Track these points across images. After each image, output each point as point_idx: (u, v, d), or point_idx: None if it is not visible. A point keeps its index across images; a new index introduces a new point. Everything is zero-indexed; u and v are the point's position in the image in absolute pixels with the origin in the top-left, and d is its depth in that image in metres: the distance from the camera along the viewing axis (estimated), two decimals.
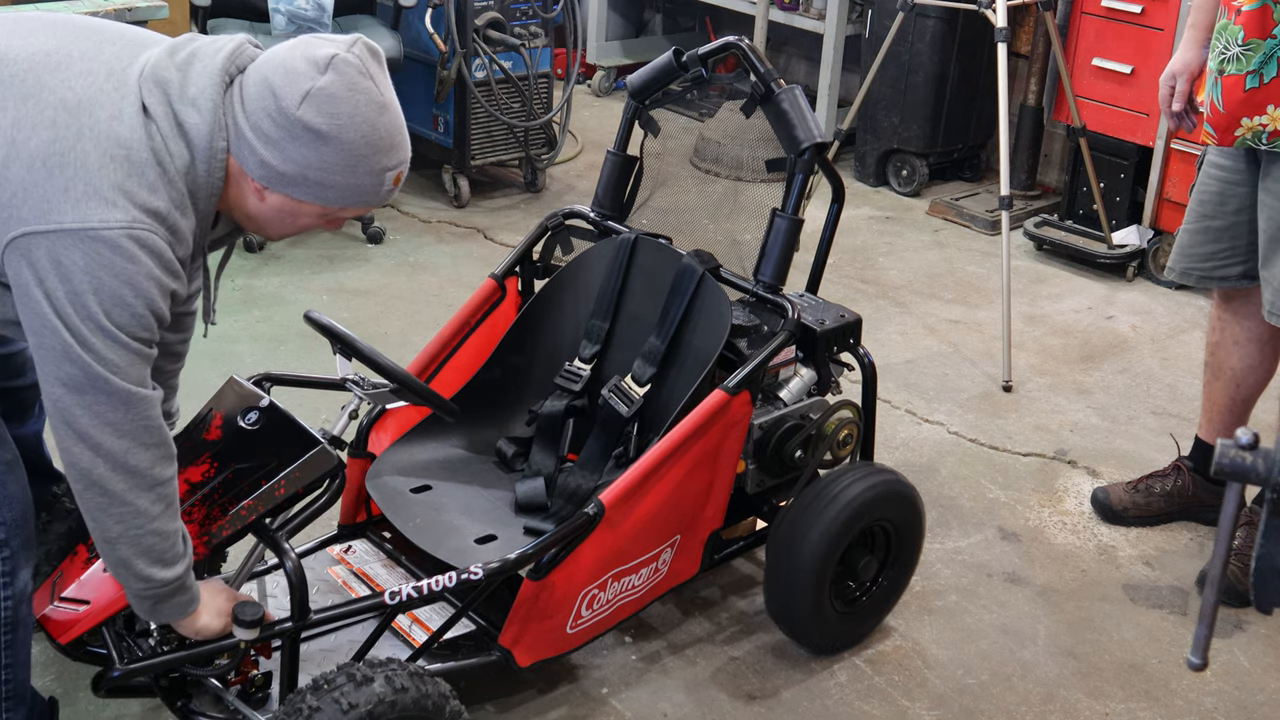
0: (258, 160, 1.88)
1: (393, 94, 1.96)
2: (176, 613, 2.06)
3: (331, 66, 1.86)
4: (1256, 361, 3.13)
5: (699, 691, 2.68)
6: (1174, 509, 3.35)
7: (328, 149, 1.87)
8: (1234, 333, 3.14)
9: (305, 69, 1.85)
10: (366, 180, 1.93)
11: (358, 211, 2.00)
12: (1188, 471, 3.34)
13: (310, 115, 1.85)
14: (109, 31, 1.96)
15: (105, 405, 1.85)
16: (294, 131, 1.85)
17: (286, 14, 4.60)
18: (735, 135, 5.26)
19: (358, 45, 1.91)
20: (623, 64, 6.64)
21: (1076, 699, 2.74)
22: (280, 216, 1.97)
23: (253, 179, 1.91)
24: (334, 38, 1.92)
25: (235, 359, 3.73)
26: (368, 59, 1.91)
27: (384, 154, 1.93)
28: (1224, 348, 3.17)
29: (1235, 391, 3.18)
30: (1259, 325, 3.07)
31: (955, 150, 5.51)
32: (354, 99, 1.87)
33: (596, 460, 2.64)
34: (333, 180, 1.90)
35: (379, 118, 1.91)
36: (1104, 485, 3.42)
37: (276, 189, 1.91)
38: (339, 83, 1.86)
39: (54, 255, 1.78)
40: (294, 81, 1.85)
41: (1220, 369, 3.18)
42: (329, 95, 1.85)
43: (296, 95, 1.84)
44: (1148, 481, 3.37)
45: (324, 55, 1.86)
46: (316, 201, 1.93)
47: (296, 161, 1.88)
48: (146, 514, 1.92)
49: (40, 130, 1.81)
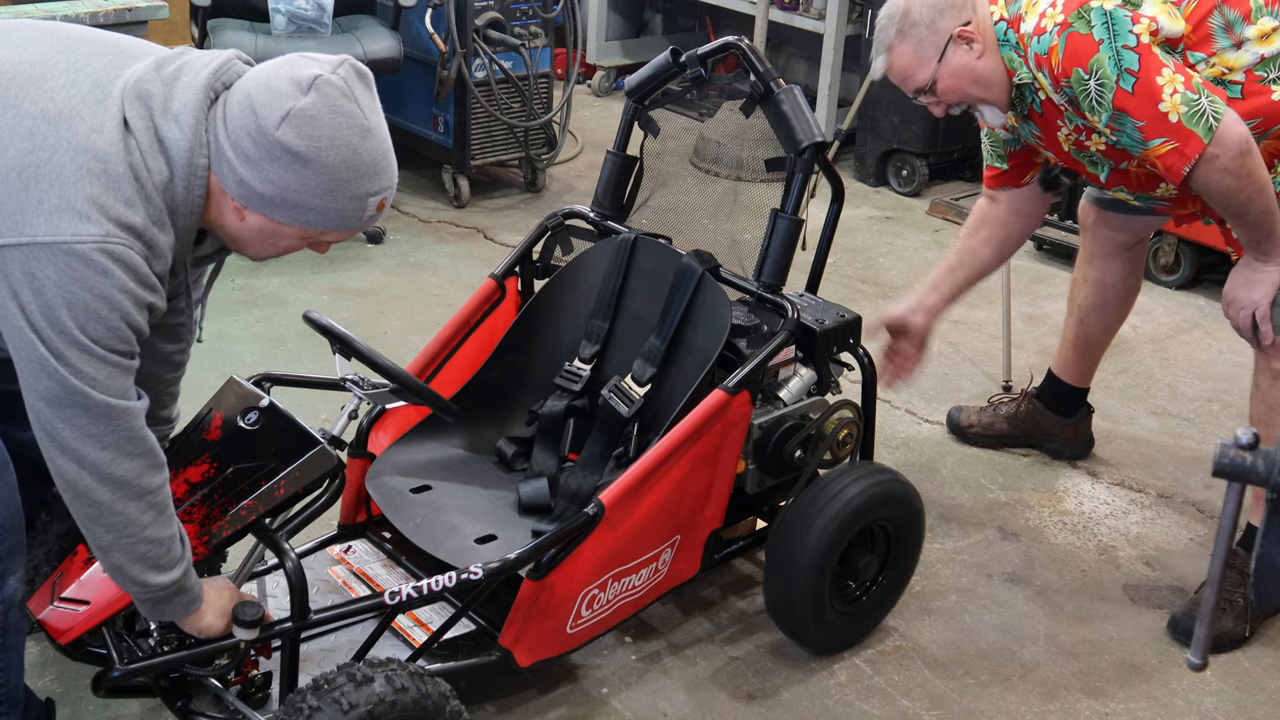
0: (236, 179, 1.86)
1: (379, 118, 1.92)
2: (178, 613, 2.06)
3: (314, 87, 1.83)
4: (1098, 301, 3.37)
5: (699, 691, 2.68)
6: (1017, 432, 3.61)
7: (306, 171, 1.84)
8: (1085, 271, 3.38)
9: (288, 89, 1.82)
10: (347, 205, 1.90)
11: (340, 236, 1.97)
12: (1033, 399, 3.59)
13: (289, 136, 1.82)
14: (100, 43, 1.94)
15: (85, 419, 1.83)
16: (272, 152, 1.83)
17: (286, 14, 4.60)
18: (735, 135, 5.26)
19: (344, 67, 1.87)
20: (623, 64, 6.64)
21: (1076, 699, 2.74)
22: (261, 237, 1.95)
23: (232, 198, 1.89)
24: (321, 58, 1.88)
25: (235, 359, 3.73)
26: (353, 81, 1.87)
27: (365, 179, 1.89)
28: (1076, 283, 3.44)
29: (1079, 328, 3.44)
30: (1112, 268, 3.32)
31: (955, 150, 5.51)
32: (335, 121, 1.84)
33: (597, 460, 2.64)
34: (312, 203, 1.88)
35: (361, 142, 1.87)
36: (960, 405, 3.71)
37: (255, 209, 1.89)
38: (320, 104, 1.83)
39: (27, 269, 1.77)
40: (275, 101, 1.82)
41: (1071, 303, 3.46)
42: (309, 117, 1.82)
43: (276, 115, 1.82)
44: (995, 403, 3.68)
45: (308, 75, 1.83)
46: (295, 224, 1.91)
47: (274, 183, 1.85)
48: (137, 523, 1.92)
49: (17, 141, 1.80)
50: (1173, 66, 2.55)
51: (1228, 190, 2.60)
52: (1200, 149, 2.54)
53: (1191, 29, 2.63)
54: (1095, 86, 2.57)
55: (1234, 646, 2.89)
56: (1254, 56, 2.65)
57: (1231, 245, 2.85)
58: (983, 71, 2.74)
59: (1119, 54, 2.54)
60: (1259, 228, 2.66)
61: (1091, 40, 2.55)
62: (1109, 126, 2.61)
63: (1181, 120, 2.53)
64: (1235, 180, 2.57)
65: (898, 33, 2.75)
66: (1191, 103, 2.53)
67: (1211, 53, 2.65)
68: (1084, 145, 2.78)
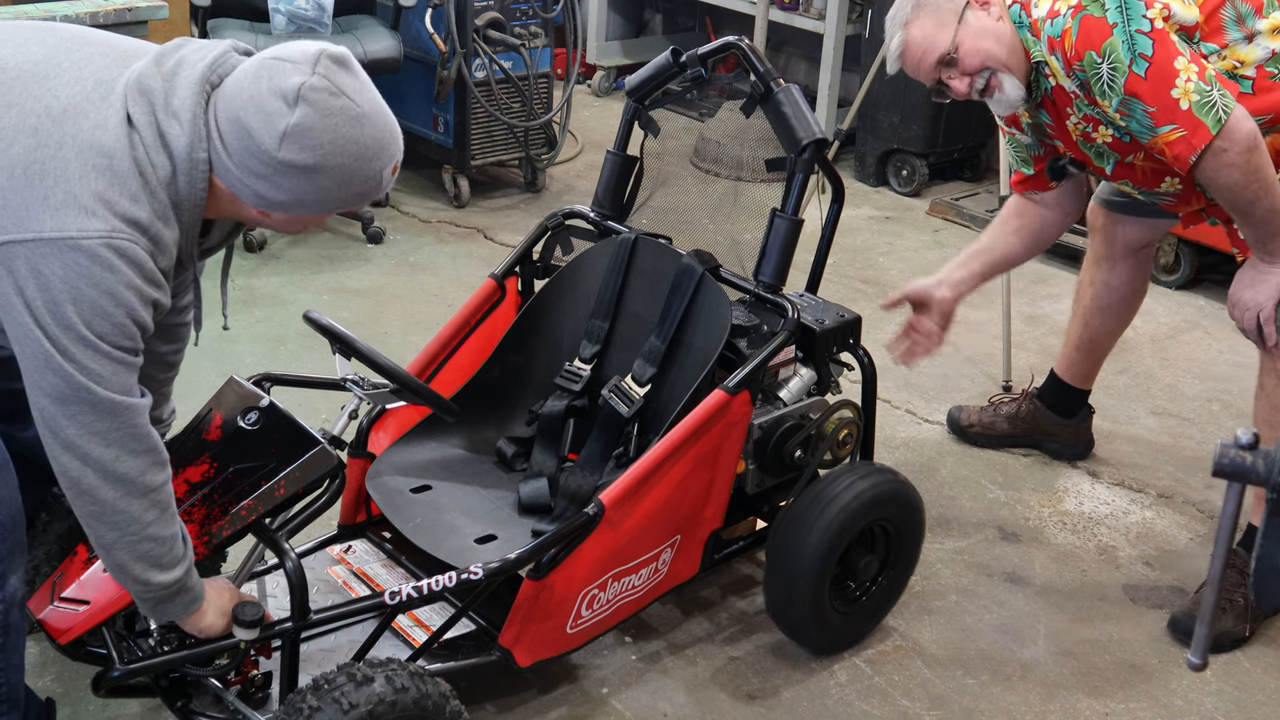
0: (252, 192, 1.88)
1: (371, 94, 1.91)
2: (179, 612, 2.06)
3: (301, 99, 1.81)
4: (1104, 304, 3.36)
5: (699, 691, 2.68)
6: (1017, 432, 3.60)
7: (319, 176, 1.86)
8: (1092, 273, 3.36)
9: (276, 106, 1.81)
10: (364, 185, 1.92)
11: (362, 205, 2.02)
12: (1034, 399, 3.58)
13: (293, 154, 1.83)
14: (103, 43, 1.95)
15: (90, 415, 1.84)
16: (281, 170, 1.84)
17: (286, 14, 4.59)
18: (735, 135, 5.27)
19: (321, 62, 1.85)
20: (623, 64, 6.64)
21: (1076, 699, 2.74)
22: (288, 224, 2.00)
23: (251, 207, 1.92)
24: (295, 55, 1.85)
25: (235, 359, 3.73)
26: (335, 73, 1.85)
27: (375, 160, 1.91)
28: (1083, 285, 3.42)
29: (1084, 330, 3.43)
30: (1118, 271, 3.29)
31: (955, 150, 5.51)
32: (332, 125, 1.84)
33: (597, 460, 2.64)
34: (330, 197, 1.90)
35: (361, 131, 1.87)
36: (960, 405, 3.70)
37: (278, 212, 1.92)
38: (312, 114, 1.82)
39: (33, 265, 1.77)
40: (269, 122, 1.82)
41: (1076, 305, 3.45)
42: (305, 130, 1.82)
43: (274, 137, 1.82)
44: (996, 403, 3.67)
45: (291, 87, 1.81)
46: (319, 213, 1.95)
47: (290, 191, 1.87)
48: (139, 520, 1.92)
49: (22, 138, 1.80)
50: (1188, 55, 2.55)
51: (1234, 185, 2.60)
52: (1208, 139, 2.54)
53: (1204, 19, 2.63)
54: (1107, 70, 2.56)
55: (1234, 646, 2.89)
56: (1265, 51, 2.65)
57: (1238, 246, 2.85)
58: (1003, 31, 2.72)
59: (1133, 38, 2.53)
60: (1265, 226, 2.66)
61: (1105, 24, 2.55)
62: (1119, 112, 2.60)
63: (1192, 109, 2.53)
64: (1242, 175, 2.57)
65: (914, 7, 2.73)
66: (1204, 93, 2.53)
67: (1224, 44, 2.65)
68: (1090, 137, 2.78)
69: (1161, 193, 2.87)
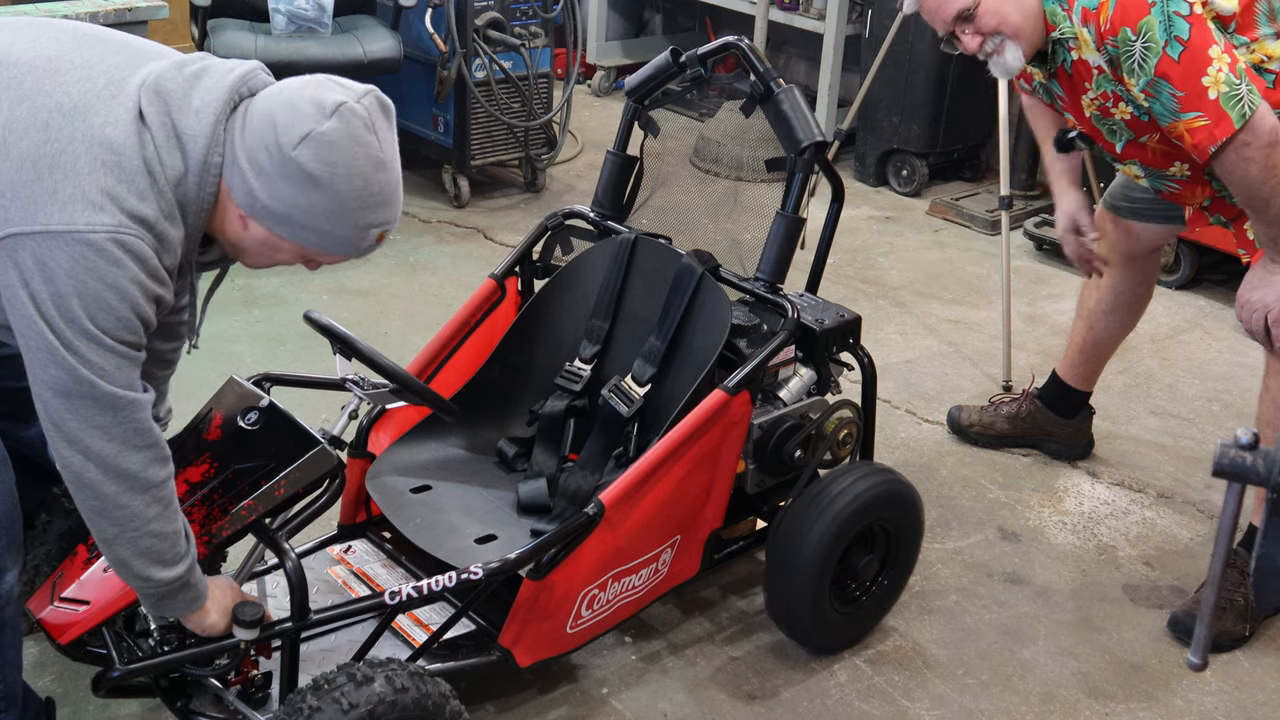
0: (246, 189, 1.88)
1: (395, 152, 1.94)
2: (182, 609, 2.06)
3: (337, 113, 1.84)
4: (1109, 307, 3.37)
5: (699, 691, 2.68)
6: (1018, 432, 3.62)
7: (316, 194, 1.86)
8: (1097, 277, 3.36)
9: (311, 111, 1.84)
10: (349, 232, 1.91)
11: (335, 260, 1.99)
12: (1034, 400, 3.59)
13: (306, 158, 1.83)
14: (116, 41, 1.96)
15: (93, 409, 1.84)
16: (287, 170, 1.84)
17: (286, 14, 4.59)
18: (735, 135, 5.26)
19: (369, 97, 1.89)
20: (623, 64, 6.64)
21: (1076, 699, 2.74)
22: (261, 248, 1.97)
23: (238, 206, 1.90)
24: (348, 84, 1.90)
25: (235, 359, 3.73)
26: (376, 113, 1.89)
27: (371, 210, 1.91)
28: (1087, 288, 3.42)
29: (1088, 333, 3.44)
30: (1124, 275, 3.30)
31: (955, 150, 5.51)
32: (353, 150, 1.85)
33: (597, 460, 2.64)
34: (315, 225, 1.89)
35: (374, 173, 1.89)
36: (960, 405, 3.71)
37: (259, 220, 1.91)
38: (341, 131, 1.84)
39: (39, 257, 1.78)
40: (297, 121, 1.84)
41: (1081, 308, 3.46)
42: (328, 142, 1.84)
43: (296, 135, 1.83)
44: (996, 403, 3.68)
45: (332, 101, 1.85)
46: (296, 242, 1.93)
47: (283, 199, 1.87)
48: (141, 516, 1.92)
49: (32, 132, 1.81)
50: (1222, 45, 2.54)
51: (1251, 181, 2.59)
52: (1230, 131, 2.53)
53: (1240, 10, 2.62)
54: (1141, 49, 2.54)
55: (1234, 646, 2.89)
56: None
57: (1244, 248, 2.85)
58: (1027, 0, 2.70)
59: (1170, 20, 2.52)
60: (1279, 224, 2.67)
61: (1144, 1, 2.53)
62: (1145, 91, 2.59)
63: (1220, 99, 2.52)
64: (1260, 171, 2.57)
65: None
66: (1233, 85, 2.52)
67: (1254, 38, 2.65)
68: (1109, 112, 2.76)
69: (1169, 177, 2.85)
